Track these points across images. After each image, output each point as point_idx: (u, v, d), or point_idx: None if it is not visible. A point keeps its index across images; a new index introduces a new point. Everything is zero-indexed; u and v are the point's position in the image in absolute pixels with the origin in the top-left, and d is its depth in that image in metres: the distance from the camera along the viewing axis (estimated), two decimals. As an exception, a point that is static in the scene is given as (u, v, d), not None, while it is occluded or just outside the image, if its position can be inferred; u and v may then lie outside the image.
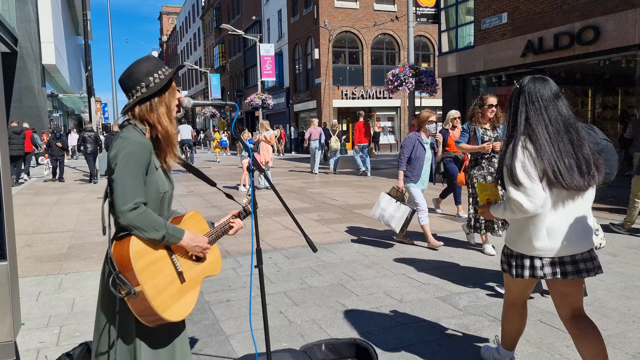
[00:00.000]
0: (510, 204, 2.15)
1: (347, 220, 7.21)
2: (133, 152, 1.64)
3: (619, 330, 3.14)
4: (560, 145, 2.15)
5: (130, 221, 1.59)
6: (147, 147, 1.69)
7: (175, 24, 70.06)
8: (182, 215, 1.87)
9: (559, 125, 2.18)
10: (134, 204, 1.60)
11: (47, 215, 8.00)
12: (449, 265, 4.70)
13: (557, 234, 2.17)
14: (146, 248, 1.64)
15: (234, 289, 4.10)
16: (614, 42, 10.13)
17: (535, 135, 2.16)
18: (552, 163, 2.11)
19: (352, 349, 2.73)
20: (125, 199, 1.59)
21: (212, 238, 1.91)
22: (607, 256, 4.91)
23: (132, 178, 1.62)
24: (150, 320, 1.65)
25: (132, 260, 1.57)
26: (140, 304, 1.60)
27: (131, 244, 1.60)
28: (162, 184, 1.76)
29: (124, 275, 1.58)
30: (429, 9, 15.15)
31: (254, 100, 24.69)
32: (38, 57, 19.44)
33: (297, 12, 28.57)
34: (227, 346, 3.02)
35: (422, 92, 14.01)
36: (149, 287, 1.59)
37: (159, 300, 1.62)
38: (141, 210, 1.62)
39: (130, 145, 1.64)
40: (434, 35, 25.67)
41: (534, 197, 2.09)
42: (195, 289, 1.78)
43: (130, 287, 1.56)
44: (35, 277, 4.56)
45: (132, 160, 1.63)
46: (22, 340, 3.14)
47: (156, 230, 1.62)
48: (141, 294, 1.58)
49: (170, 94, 1.80)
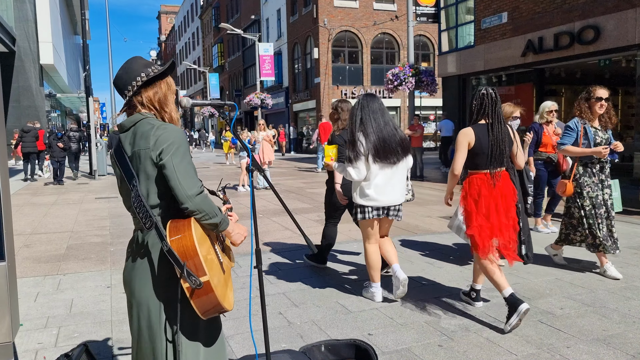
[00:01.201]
0: (346, 172, 3.48)
1: (346, 220, 7.18)
2: (180, 139, 1.66)
3: (619, 331, 3.14)
4: (379, 135, 3.43)
5: (198, 205, 1.59)
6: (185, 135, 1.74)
7: (173, 24, 69.99)
8: None
9: (380, 123, 3.48)
10: (199, 187, 1.62)
11: (46, 215, 7.97)
12: (449, 266, 4.69)
13: (380, 191, 3.48)
14: (202, 236, 1.63)
15: (234, 289, 4.08)
16: (614, 41, 10.13)
17: (366, 130, 3.45)
18: (376, 147, 3.41)
19: (351, 350, 2.72)
20: (191, 184, 1.60)
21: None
22: (607, 257, 4.90)
23: (190, 164, 1.64)
24: (209, 312, 1.61)
25: (198, 250, 1.55)
26: (204, 295, 1.55)
27: (194, 230, 1.57)
28: None
29: (189, 267, 1.54)
30: (428, 8, 15.14)
31: (253, 100, 24.66)
32: (36, 57, 19.39)
33: (297, 11, 28.55)
34: (226, 347, 3.01)
35: (422, 92, 14.00)
36: (211, 276, 1.57)
37: (220, 290, 1.61)
38: (205, 194, 1.64)
39: (175, 133, 1.66)
40: (433, 35, 25.67)
41: (359, 172, 3.44)
42: (230, 279, 1.80)
43: (196, 279, 1.53)
44: (33, 277, 4.54)
45: (182, 147, 1.64)
46: (21, 341, 3.12)
47: (216, 215, 1.64)
48: (206, 284, 1.54)
49: (170, 83, 1.80)
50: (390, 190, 3.48)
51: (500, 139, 3.24)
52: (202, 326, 1.74)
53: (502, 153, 3.25)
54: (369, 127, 3.44)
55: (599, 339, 3.03)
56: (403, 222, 6.84)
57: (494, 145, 3.23)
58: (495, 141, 3.23)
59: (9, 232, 2.15)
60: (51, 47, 20.07)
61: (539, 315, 3.41)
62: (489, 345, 2.97)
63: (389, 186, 3.47)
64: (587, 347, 2.92)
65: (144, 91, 1.73)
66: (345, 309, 3.60)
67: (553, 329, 3.19)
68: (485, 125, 3.29)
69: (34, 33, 19.30)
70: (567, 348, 2.91)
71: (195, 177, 1.63)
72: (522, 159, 3.52)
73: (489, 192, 3.26)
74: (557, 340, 3.03)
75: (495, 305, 3.62)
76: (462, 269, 4.56)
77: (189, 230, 1.57)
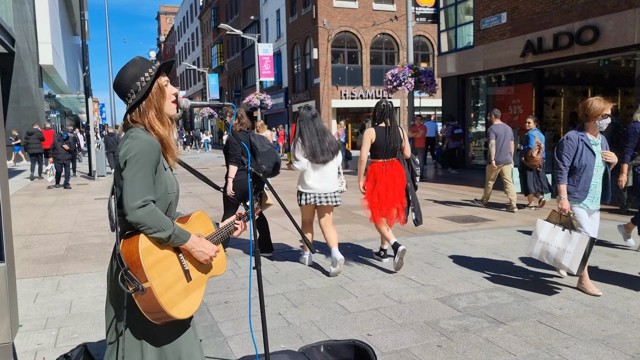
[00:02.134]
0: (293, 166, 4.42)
1: (346, 221, 7.20)
2: (143, 150, 1.65)
3: (618, 331, 3.14)
4: (312, 142, 4.37)
5: (138, 218, 1.60)
6: (157, 146, 1.70)
7: (173, 24, 69.98)
8: (189, 215, 1.88)
9: (313, 132, 4.40)
10: (143, 201, 1.61)
11: (45, 216, 7.97)
12: (448, 266, 4.69)
13: (316, 182, 4.42)
14: (154, 245, 1.65)
15: (233, 290, 4.09)
16: (614, 42, 10.14)
17: (302, 138, 4.40)
18: (310, 151, 4.36)
19: (351, 350, 2.72)
20: (134, 196, 1.60)
21: (217, 239, 1.92)
22: (606, 257, 4.91)
23: (143, 176, 1.63)
24: (158, 317, 1.65)
25: (141, 257, 1.58)
26: (148, 300, 1.60)
27: (140, 240, 1.61)
28: (170, 185, 1.78)
29: (133, 272, 1.59)
30: (428, 8, 15.14)
31: (252, 101, 24.66)
32: (35, 58, 19.39)
33: (296, 11, 28.55)
34: (225, 348, 3.01)
35: (421, 92, 14.01)
36: (157, 284, 1.60)
37: (166, 298, 1.62)
38: (150, 208, 1.63)
39: (140, 144, 1.66)
40: (433, 35, 25.68)
41: (300, 165, 4.39)
42: (201, 288, 1.79)
43: (139, 284, 1.57)
44: (32, 278, 4.54)
45: (142, 159, 1.64)
46: (20, 342, 3.12)
47: (163, 230, 1.63)
48: (149, 291, 1.59)
49: (157, 95, 1.76)
50: (324, 181, 4.46)
51: (394, 138, 4.53)
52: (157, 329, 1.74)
53: (394, 148, 4.55)
54: (304, 135, 4.42)
55: (598, 339, 3.04)
56: (402, 222, 6.84)
57: (389, 142, 4.51)
58: (390, 139, 4.51)
59: (8, 233, 2.15)
60: (50, 47, 20.06)
61: (538, 316, 3.41)
62: (488, 346, 2.97)
63: (323, 179, 4.45)
64: (586, 347, 2.92)
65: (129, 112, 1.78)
66: (345, 310, 3.60)
67: (552, 329, 3.19)
68: (385, 127, 4.56)
69: (34, 34, 19.29)
70: (566, 348, 2.92)
71: (143, 190, 1.62)
72: (408, 150, 4.71)
73: (382, 175, 4.58)
74: (556, 340, 3.03)
75: (494, 305, 3.63)
76: (462, 269, 4.56)
77: (136, 240, 1.62)
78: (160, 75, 1.79)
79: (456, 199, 9.04)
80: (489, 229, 6.36)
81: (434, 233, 6.16)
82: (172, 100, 1.81)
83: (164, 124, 1.78)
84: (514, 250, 5.22)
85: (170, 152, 1.80)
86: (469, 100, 15.24)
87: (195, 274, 1.78)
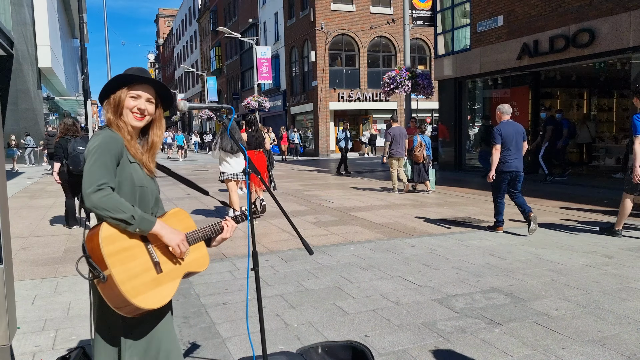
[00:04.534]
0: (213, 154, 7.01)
1: (343, 222, 7.21)
2: (102, 143, 1.71)
3: (614, 332, 3.16)
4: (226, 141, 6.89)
5: (94, 203, 1.60)
6: (118, 140, 1.74)
7: (171, 27, 70.01)
8: (165, 213, 1.89)
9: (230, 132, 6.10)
10: (97, 185, 1.62)
11: (43, 218, 7.96)
12: (445, 268, 4.71)
13: (229, 165, 6.93)
14: (118, 234, 1.64)
15: (231, 291, 4.09)
16: (609, 44, 10.20)
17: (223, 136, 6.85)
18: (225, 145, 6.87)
19: (348, 351, 2.73)
20: (89, 182, 1.62)
21: (197, 236, 1.89)
22: (602, 258, 4.94)
23: (100, 165, 1.66)
24: (125, 310, 1.64)
25: (101, 245, 1.58)
26: (110, 289, 1.59)
27: (101, 228, 1.62)
28: (138, 178, 1.78)
29: (94, 260, 1.60)
30: (425, 11, 15.21)
31: (250, 103, 24.69)
32: (34, 60, 19.38)
33: (294, 15, 28.61)
34: (223, 349, 3.02)
35: (418, 95, 14.06)
36: (117, 272, 1.59)
37: (129, 286, 1.60)
38: (106, 192, 1.62)
39: (100, 138, 1.73)
40: (430, 38, 25.75)
41: (215, 155, 7.05)
42: (175, 281, 1.77)
43: (100, 271, 1.57)
44: (31, 280, 4.54)
45: (100, 150, 1.69)
46: (18, 344, 3.12)
47: (122, 212, 1.62)
48: (110, 279, 1.57)
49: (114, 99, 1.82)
50: (234, 164, 6.90)
51: (257, 137, 7.51)
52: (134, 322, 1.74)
53: (259, 143, 7.51)
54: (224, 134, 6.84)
55: (595, 340, 3.05)
56: (399, 224, 6.87)
57: (254, 140, 7.43)
58: (255, 138, 7.45)
59: (6, 235, 2.16)
60: (49, 50, 20.06)
61: (535, 317, 3.43)
62: (485, 347, 2.99)
63: (234, 162, 6.91)
64: (582, 349, 2.94)
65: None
66: (342, 311, 3.61)
67: (548, 330, 3.21)
68: (251, 131, 7.47)
69: (32, 36, 19.30)
70: (562, 349, 2.93)
71: (97, 175, 1.64)
72: (268, 144, 7.99)
73: (252, 159, 7.20)
74: (552, 341, 3.05)
75: (491, 306, 3.65)
76: (459, 271, 4.58)
77: (98, 227, 1.63)
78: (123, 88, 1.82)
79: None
80: (485, 230, 6.38)
81: (431, 234, 6.18)
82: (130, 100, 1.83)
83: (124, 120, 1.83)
84: (511, 252, 5.25)
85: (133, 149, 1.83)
86: (465, 103, 15.30)
87: (168, 266, 1.76)
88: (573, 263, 4.78)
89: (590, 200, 8.68)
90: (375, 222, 7.15)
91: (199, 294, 4.03)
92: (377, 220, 7.29)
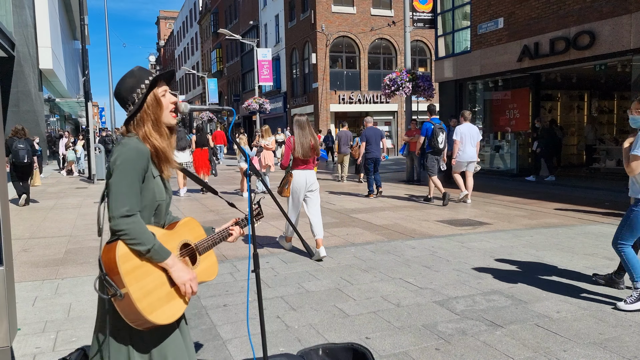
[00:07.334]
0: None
1: (344, 224, 7.21)
2: (130, 158, 1.66)
3: (615, 334, 3.15)
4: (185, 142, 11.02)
5: (120, 227, 1.61)
6: (145, 154, 1.70)
7: (172, 29, 70.12)
8: (177, 222, 1.86)
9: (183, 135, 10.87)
10: (127, 211, 1.62)
11: (44, 220, 7.97)
12: (446, 270, 4.70)
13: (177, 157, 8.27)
14: (134, 251, 1.65)
15: (231, 293, 4.09)
16: (610, 47, 10.21)
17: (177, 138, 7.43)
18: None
19: (349, 353, 2.73)
20: (118, 205, 1.61)
21: (207, 245, 1.90)
22: (604, 260, 4.93)
23: (128, 185, 1.64)
24: (139, 323, 1.65)
25: (118, 263, 1.59)
26: (127, 306, 1.61)
27: (118, 247, 1.62)
28: (159, 192, 1.77)
29: (111, 278, 1.60)
30: (425, 14, 15.22)
31: (251, 105, 24.70)
32: (35, 62, 19.41)
33: (295, 17, 28.66)
34: (224, 351, 3.02)
35: (418, 97, 14.06)
36: (134, 289, 1.60)
37: (145, 303, 1.62)
38: (134, 219, 1.63)
39: (127, 152, 1.66)
40: (430, 40, 25.78)
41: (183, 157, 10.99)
42: (182, 296, 1.77)
43: (117, 289, 1.58)
44: (31, 282, 4.54)
45: (128, 167, 1.65)
46: (18, 345, 3.12)
47: (143, 244, 1.63)
48: (127, 296, 1.59)
49: (154, 106, 1.76)
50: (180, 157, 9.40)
51: (204, 139, 11.28)
52: (143, 334, 1.73)
53: (204, 142, 11.17)
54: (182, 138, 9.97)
55: (596, 342, 3.05)
56: (400, 225, 6.86)
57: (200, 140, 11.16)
58: (201, 138, 11.22)
59: (7, 236, 2.16)
60: (50, 52, 20.09)
61: (536, 319, 3.42)
62: (486, 349, 2.98)
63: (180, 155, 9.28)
64: (583, 351, 2.93)
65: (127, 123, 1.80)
66: (343, 313, 3.61)
67: (550, 332, 3.20)
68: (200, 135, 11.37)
69: (33, 38, 19.32)
70: (563, 352, 2.93)
71: (127, 198, 1.62)
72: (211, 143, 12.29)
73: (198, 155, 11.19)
74: (553, 343, 3.04)
75: (492, 308, 3.64)
76: (459, 273, 4.57)
77: (115, 246, 1.63)
78: (157, 85, 1.78)
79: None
80: (486, 232, 6.38)
81: (432, 236, 6.17)
82: (170, 110, 1.80)
83: (162, 135, 1.78)
84: (511, 254, 5.24)
85: (168, 163, 1.80)
86: (466, 105, 15.29)
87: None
88: (574, 265, 4.77)
89: (590, 202, 8.67)
90: (376, 223, 7.14)
91: (199, 295, 4.03)
92: (378, 222, 7.28)
